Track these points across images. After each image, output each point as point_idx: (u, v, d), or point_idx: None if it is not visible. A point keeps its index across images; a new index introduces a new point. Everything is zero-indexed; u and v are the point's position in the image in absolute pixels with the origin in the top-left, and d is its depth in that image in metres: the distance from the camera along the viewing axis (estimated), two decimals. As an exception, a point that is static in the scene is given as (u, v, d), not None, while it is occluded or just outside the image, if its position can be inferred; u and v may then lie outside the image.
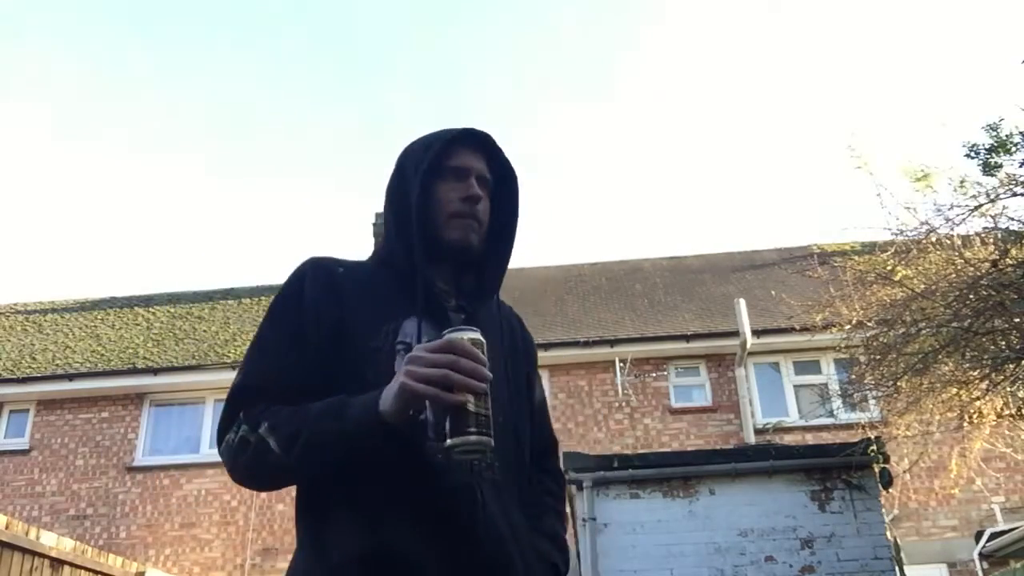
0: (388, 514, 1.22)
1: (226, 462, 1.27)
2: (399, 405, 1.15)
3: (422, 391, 1.12)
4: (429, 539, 1.21)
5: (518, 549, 1.29)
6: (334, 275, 1.38)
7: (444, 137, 1.43)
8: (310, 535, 1.28)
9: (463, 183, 1.42)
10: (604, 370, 12.05)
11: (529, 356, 1.58)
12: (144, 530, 11.60)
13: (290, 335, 1.32)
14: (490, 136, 1.48)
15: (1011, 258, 5.70)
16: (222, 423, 1.29)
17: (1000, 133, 5.85)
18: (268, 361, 1.32)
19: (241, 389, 1.29)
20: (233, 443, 1.25)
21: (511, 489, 1.34)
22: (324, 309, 1.33)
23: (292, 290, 1.38)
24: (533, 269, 16.49)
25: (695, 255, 16.29)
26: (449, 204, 1.41)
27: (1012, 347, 5.76)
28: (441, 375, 1.12)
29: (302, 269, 1.40)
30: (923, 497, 10.39)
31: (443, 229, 1.40)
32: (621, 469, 7.21)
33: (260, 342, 1.35)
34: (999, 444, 7.49)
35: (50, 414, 12.41)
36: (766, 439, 10.73)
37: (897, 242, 6.65)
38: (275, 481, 1.29)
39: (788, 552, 6.75)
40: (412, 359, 1.15)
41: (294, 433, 1.19)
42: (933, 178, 6.36)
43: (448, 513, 1.24)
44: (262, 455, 1.21)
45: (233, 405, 1.28)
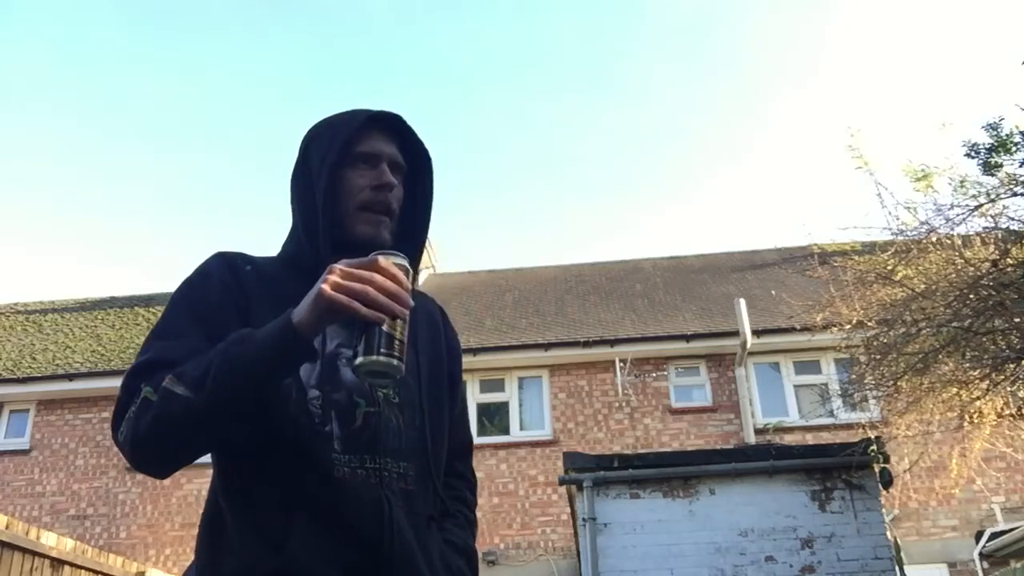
0: (290, 529, 1.14)
1: (126, 440, 1.13)
2: (314, 314, 1.07)
3: (340, 301, 1.05)
4: (333, 557, 1.15)
5: (428, 566, 1.22)
6: (240, 273, 1.28)
7: (353, 122, 1.33)
8: (207, 548, 1.21)
9: (374, 170, 1.32)
10: (604, 370, 12.05)
11: (452, 352, 1.47)
12: (144, 530, 11.61)
13: (196, 318, 1.22)
14: (402, 118, 1.38)
15: (1011, 258, 5.70)
16: (120, 405, 1.16)
17: (1000, 133, 5.85)
18: (171, 341, 1.20)
19: (144, 363, 1.18)
20: (133, 412, 1.12)
21: (424, 496, 1.27)
22: (231, 302, 1.24)
23: (199, 279, 1.28)
24: (533, 269, 16.50)
25: (695, 255, 16.29)
26: (359, 194, 1.30)
27: (1012, 347, 5.76)
28: (361, 289, 1.06)
29: (210, 262, 1.31)
30: (923, 497, 10.39)
31: (352, 222, 1.30)
32: (621, 469, 7.21)
33: (164, 324, 1.24)
34: (999, 444, 7.48)
35: (50, 414, 12.42)
36: (766, 439, 10.74)
37: (897, 242, 6.65)
38: (183, 439, 1.13)
39: (788, 552, 6.75)
40: (333, 270, 1.08)
41: (203, 370, 1.09)
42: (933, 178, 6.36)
43: (356, 531, 1.16)
44: (168, 406, 1.09)
45: (133, 379, 1.16)
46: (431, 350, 1.39)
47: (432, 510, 1.29)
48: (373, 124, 1.35)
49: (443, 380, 1.40)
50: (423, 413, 1.30)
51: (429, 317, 1.44)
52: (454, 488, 1.41)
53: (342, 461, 1.19)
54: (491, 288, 15.17)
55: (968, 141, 6.02)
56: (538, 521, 11.22)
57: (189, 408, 1.09)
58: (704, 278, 14.85)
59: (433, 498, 1.30)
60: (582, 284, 15.19)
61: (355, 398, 1.23)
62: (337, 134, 1.32)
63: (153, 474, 1.21)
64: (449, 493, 1.37)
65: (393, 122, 1.37)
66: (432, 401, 1.33)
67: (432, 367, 1.37)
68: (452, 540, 1.32)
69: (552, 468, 10.92)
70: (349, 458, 1.19)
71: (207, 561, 1.20)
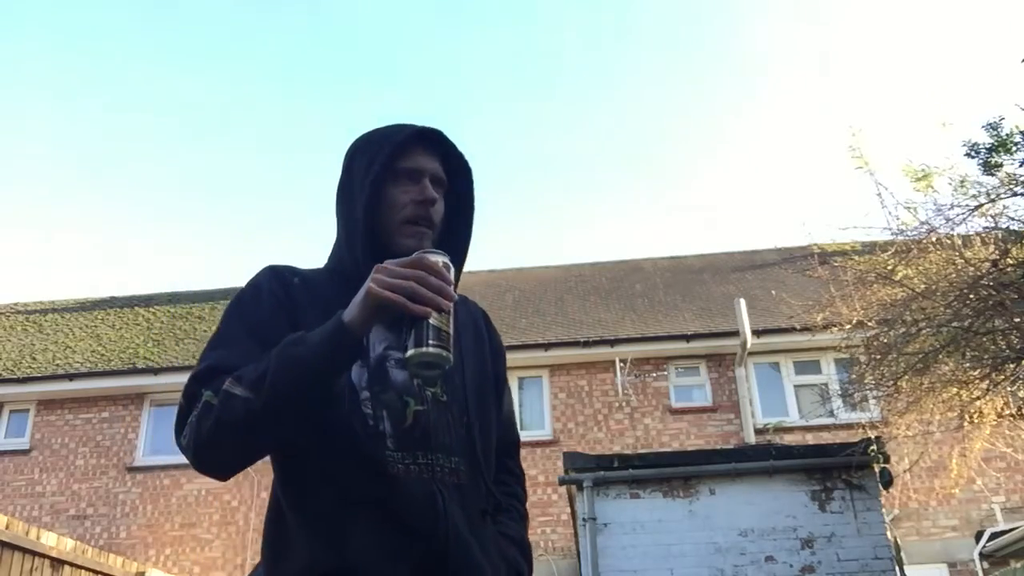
0: (348, 528, 1.19)
1: (189, 444, 1.17)
2: (364, 313, 1.13)
3: (388, 298, 1.10)
4: (391, 552, 1.19)
5: (485, 556, 1.26)
6: (289, 285, 1.34)
7: (395, 138, 1.37)
8: (270, 549, 1.25)
9: (416, 186, 1.36)
10: (604, 370, 12.05)
11: (496, 354, 1.52)
12: (144, 530, 11.61)
13: (250, 331, 1.27)
14: (443, 133, 1.42)
15: (1011, 258, 5.70)
16: (182, 411, 1.20)
17: (1000, 133, 5.84)
18: (228, 350, 1.24)
19: (204, 370, 1.21)
20: (195, 417, 1.16)
21: (476, 492, 1.31)
22: (281, 314, 1.29)
23: (251, 293, 1.33)
24: (533, 269, 16.50)
25: (695, 255, 16.29)
26: (402, 209, 1.35)
27: (1012, 347, 5.76)
28: (408, 285, 1.11)
29: (260, 275, 1.36)
30: (923, 497, 10.39)
31: (395, 236, 1.35)
32: (621, 469, 7.21)
33: (220, 335, 1.29)
34: (999, 444, 7.48)
35: (50, 414, 12.42)
36: (766, 439, 10.73)
37: (897, 242, 6.65)
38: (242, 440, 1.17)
39: (788, 552, 6.75)
40: (380, 269, 1.14)
41: (261, 372, 1.14)
42: (933, 178, 6.36)
43: (412, 525, 1.21)
44: (228, 408, 1.13)
45: (193, 386, 1.20)
46: (476, 351, 1.44)
47: (484, 504, 1.33)
48: (416, 140, 1.39)
49: (489, 380, 1.45)
50: (470, 411, 1.34)
51: (473, 320, 1.49)
52: (506, 484, 1.45)
53: (395, 458, 1.23)
54: (491, 288, 15.17)
55: (968, 141, 6.01)
56: (538, 521, 11.22)
57: (249, 409, 1.13)
58: (704, 278, 14.85)
59: (485, 493, 1.34)
60: (582, 284, 15.19)
61: (405, 397, 1.28)
62: (380, 149, 1.37)
63: (216, 475, 1.25)
64: (501, 489, 1.42)
65: (435, 137, 1.42)
66: (479, 400, 1.38)
67: (478, 367, 1.42)
68: (507, 532, 1.37)
69: (552, 468, 10.92)
70: (402, 455, 1.24)
71: (271, 561, 1.25)
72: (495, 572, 1.28)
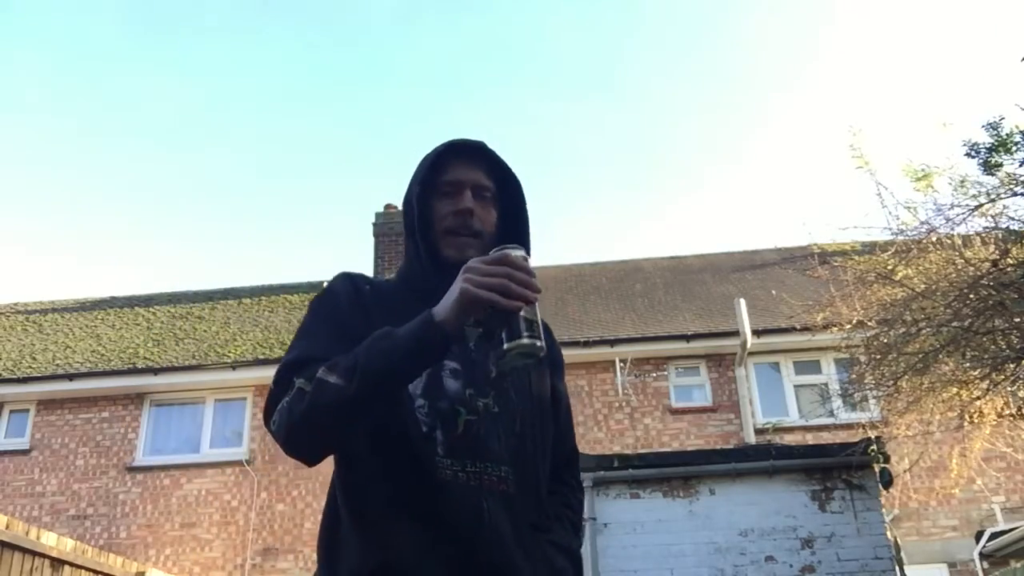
0: (393, 530, 1.25)
1: (280, 427, 1.24)
2: (457, 311, 1.19)
3: (483, 296, 1.16)
4: (437, 557, 1.24)
5: (528, 563, 1.30)
6: (362, 292, 1.41)
7: (435, 153, 1.45)
8: (327, 551, 1.33)
9: (455, 198, 1.43)
10: (604, 370, 12.04)
11: (555, 364, 1.57)
12: (144, 530, 11.60)
13: (333, 328, 1.35)
14: (482, 144, 1.48)
15: (1011, 258, 5.70)
16: (273, 396, 1.27)
17: (1000, 132, 5.84)
18: (315, 343, 1.32)
19: (293, 360, 1.29)
20: (287, 403, 1.23)
21: (527, 501, 1.35)
22: (357, 320, 1.35)
23: (329, 298, 1.42)
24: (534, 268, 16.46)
25: (695, 255, 16.28)
26: (442, 221, 1.43)
27: (1012, 347, 5.76)
28: (499, 283, 1.17)
29: (336, 282, 1.44)
30: (923, 497, 10.39)
31: (440, 247, 1.43)
32: (621, 469, 7.21)
33: (307, 330, 1.37)
34: (999, 444, 7.48)
35: (50, 414, 12.41)
36: (766, 439, 10.73)
37: (897, 242, 6.65)
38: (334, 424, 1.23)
39: (788, 552, 6.75)
40: (470, 269, 1.19)
41: (353, 361, 1.20)
42: (933, 178, 6.36)
43: (456, 531, 1.26)
44: (321, 393, 1.19)
45: (286, 373, 1.27)
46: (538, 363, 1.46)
47: (534, 516, 1.37)
48: (452, 154, 1.45)
49: (546, 391, 1.49)
50: (523, 422, 1.39)
51: None
52: (560, 494, 1.49)
53: (445, 464, 1.29)
54: (491, 288, 15.15)
55: (968, 141, 6.01)
56: (538, 521, 11.21)
57: (341, 395, 1.19)
58: (704, 278, 14.84)
59: (535, 504, 1.38)
60: (582, 284, 15.18)
61: (457, 407, 1.33)
62: (422, 167, 1.45)
63: (305, 460, 1.29)
64: (556, 499, 1.46)
65: (475, 149, 1.47)
66: (535, 411, 1.42)
67: (537, 378, 1.46)
68: (556, 541, 1.40)
69: (552, 468, 10.91)
70: (451, 462, 1.29)
71: (326, 559, 1.33)
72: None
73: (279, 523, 11.37)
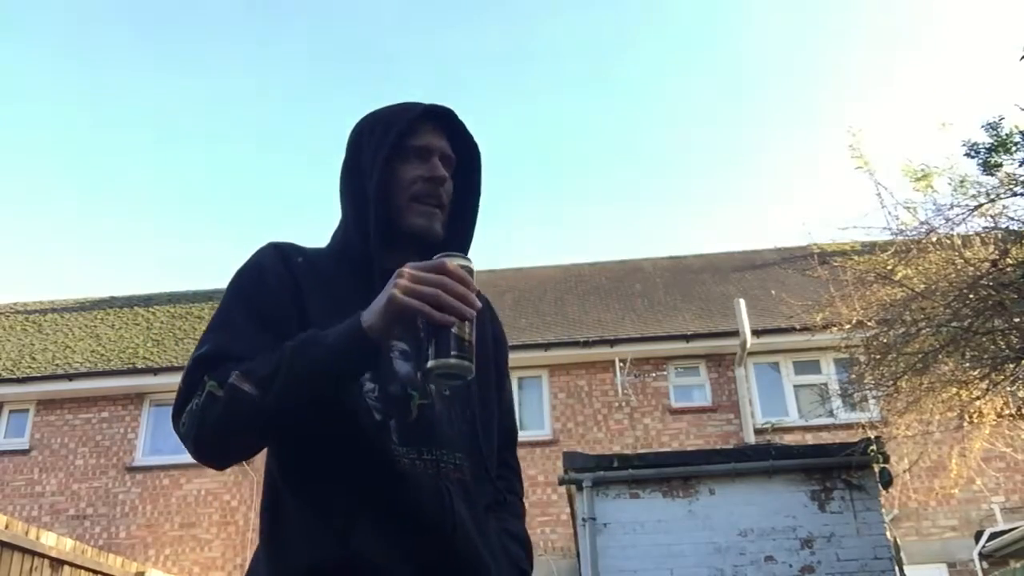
0: (355, 521, 1.17)
1: (189, 432, 1.16)
2: (386, 319, 1.10)
3: (412, 305, 1.07)
4: (398, 548, 1.17)
5: (490, 554, 1.25)
6: (293, 263, 1.30)
7: (409, 115, 1.34)
8: (274, 538, 1.22)
9: (426, 163, 1.34)
10: (604, 370, 12.05)
11: (499, 345, 1.49)
12: (144, 530, 11.60)
13: (252, 313, 1.24)
14: (453, 112, 1.40)
15: (1011, 258, 5.70)
16: (181, 395, 1.18)
17: (1000, 133, 5.85)
18: (233, 333, 1.22)
19: (206, 354, 1.19)
20: (198, 406, 1.14)
21: (481, 487, 1.29)
22: (285, 295, 1.26)
23: (253, 273, 1.30)
24: (533, 269, 16.50)
25: (695, 255, 16.29)
26: (411, 186, 1.32)
27: (1012, 347, 5.76)
28: (432, 293, 1.08)
29: (262, 252, 1.32)
30: (923, 497, 10.39)
31: (404, 214, 1.32)
32: (621, 469, 7.21)
33: (222, 318, 1.26)
34: (999, 444, 7.48)
35: (50, 414, 12.41)
36: (766, 439, 10.73)
37: (897, 242, 6.65)
38: (248, 435, 1.16)
39: (788, 552, 6.75)
40: (403, 274, 1.10)
41: (272, 370, 1.11)
42: (933, 178, 6.37)
43: (419, 521, 1.19)
44: (235, 404, 1.11)
45: (196, 370, 1.18)
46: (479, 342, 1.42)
47: (488, 500, 1.32)
48: (425, 118, 1.36)
49: (491, 372, 1.40)
50: (473, 405, 1.32)
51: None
52: (505, 478, 1.43)
53: (401, 453, 1.21)
54: (490, 288, 15.11)
55: (968, 141, 6.02)
56: (537, 521, 11.21)
57: (256, 407, 1.11)
58: (704, 278, 14.85)
59: (488, 488, 1.32)
60: (582, 284, 15.19)
61: (409, 391, 1.24)
62: (389, 127, 1.34)
63: (215, 466, 1.24)
64: (502, 484, 1.40)
65: (445, 116, 1.39)
66: (481, 393, 1.35)
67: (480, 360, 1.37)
68: (509, 529, 1.35)
69: (552, 468, 10.92)
70: (407, 450, 1.21)
71: (273, 551, 1.22)
72: (499, 570, 1.27)
73: (279, 523, 11.37)
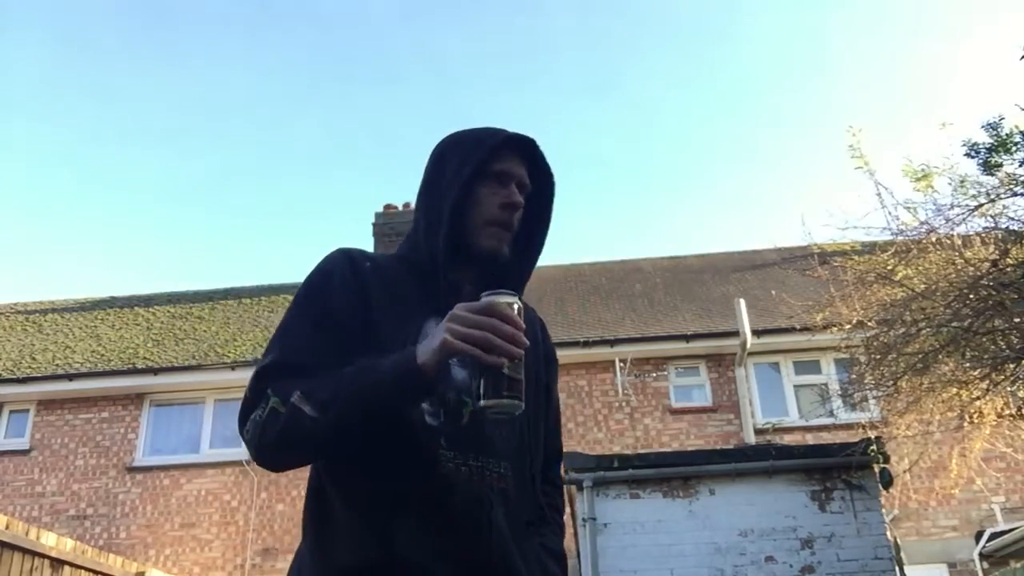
0: (398, 523, 1.20)
1: (252, 440, 1.22)
2: (437, 359, 1.15)
3: (464, 349, 1.12)
4: (438, 551, 1.20)
5: (526, 567, 1.28)
6: (362, 270, 1.34)
7: (493, 140, 1.40)
8: (319, 536, 1.26)
9: (505, 189, 1.39)
10: (604, 370, 12.05)
11: (550, 364, 1.54)
12: (144, 530, 11.60)
13: (317, 322, 1.29)
14: (535, 142, 1.45)
15: (1011, 258, 5.70)
16: (247, 403, 1.24)
17: (1000, 132, 5.84)
18: (297, 343, 1.27)
19: (270, 366, 1.25)
20: (262, 418, 1.20)
21: (522, 501, 1.32)
22: (352, 302, 1.30)
23: (321, 279, 1.34)
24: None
25: (695, 255, 16.29)
26: (488, 210, 1.38)
27: (1012, 347, 5.76)
28: (482, 336, 1.11)
29: (331, 259, 1.37)
30: (923, 497, 10.39)
31: (477, 235, 1.38)
32: (621, 469, 7.21)
33: (287, 326, 1.31)
34: (999, 444, 7.49)
35: (50, 414, 12.41)
36: (766, 439, 10.72)
37: (897, 242, 6.65)
38: (304, 451, 1.23)
39: (788, 552, 6.75)
40: (454, 317, 1.14)
41: (331, 395, 1.17)
42: (933, 178, 6.37)
43: (458, 526, 1.22)
44: (295, 422, 1.17)
45: (260, 381, 1.24)
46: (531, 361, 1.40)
47: (530, 514, 1.34)
48: (509, 144, 1.41)
49: (541, 388, 1.45)
50: (523, 418, 1.33)
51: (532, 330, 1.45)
52: (548, 495, 1.46)
53: (447, 457, 1.24)
54: (491, 288, 15.15)
55: (968, 141, 6.02)
56: (538, 521, 11.22)
57: (315, 428, 1.16)
58: (704, 278, 14.85)
59: (531, 502, 1.35)
60: (582, 284, 15.19)
61: (463, 397, 1.27)
62: (475, 150, 1.39)
63: (272, 470, 1.30)
64: (544, 500, 1.43)
65: (527, 145, 1.44)
66: (531, 408, 1.36)
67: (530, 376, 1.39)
68: (548, 545, 1.37)
69: (552, 468, 10.92)
70: (454, 455, 1.24)
71: (318, 550, 1.25)
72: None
73: (279, 523, 11.38)
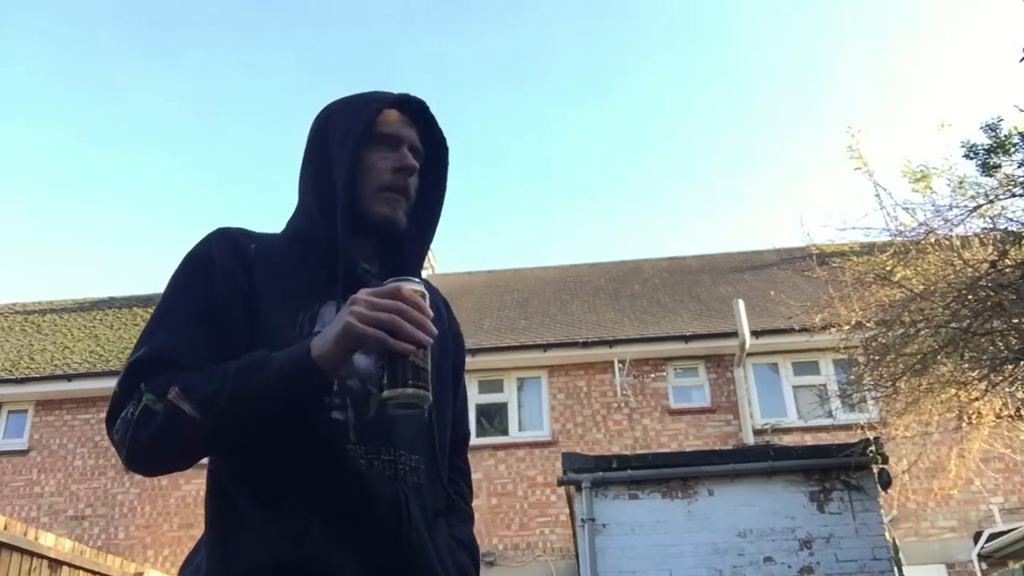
0: (309, 521, 1.12)
1: (123, 440, 1.10)
2: (339, 348, 1.06)
3: (370, 334, 1.04)
4: (352, 551, 1.13)
5: (440, 561, 1.22)
6: (245, 252, 1.24)
7: (378, 102, 1.31)
8: (219, 539, 1.16)
9: (396, 152, 1.30)
10: (603, 370, 12.04)
11: (458, 346, 1.45)
12: (143, 531, 11.59)
13: (197, 309, 1.18)
14: (425, 103, 1.36)
15: (1010, 259, 5.71)
16: (116, 400, 1.13)
17: (999, 134, 5.86)
18: (173, 334, 1.16)
19: (143, 359, 1.13)
20: (133, 417, 1.09)
21: (433, 492, 1.26)
22: (234, 286, 1.20)
23: (198, 262, 1.23)
24: (533, 269, 16.51)
25: (694, 255, 16.30)
26: (380, 175, 1.28)
27: (1011, 348, 5.76)
28: (389, 319, 1.04)
29: (210, 239, 1.25)
30: (922, 498, 10.39)
31: (370, 202, 1.28)
32: (620, 470, 7.21)
33: (162, 315, 1.19)
34: (998, 445, 7.49)
35: (49, 414, 12.41)
36: (765, 440, 10.73)
37: (896, 243, 6.66)
38: (184, 455, 1.12)
39: (787, 553, 6.75)
40: (358, 301, 1.06)
41: (213, 393, 1.07)
42: (932, 179, 6.38)
43: (373, 523, 1.15)
44: (172, 422, 1.06)
45: (133, 376, 1.12)
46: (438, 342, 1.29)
47: (440, 505, 1.28)
48: (397, 106, 1.33)
49: (447, 372, 1.36)
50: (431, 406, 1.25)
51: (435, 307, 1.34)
52: (454, 482, 1.39)
53: (358, 452, 1.16)
54: (490, 289, 15.17)
55: (967, 142, 6.03)
56: (537, 522, 11.21)
57: (195, 428, 1.07)
58: (703, 279, 14.85)
59: (441, 492, 1.29)
60: (581, 285, 15.19)
61: (369, 387, 1.20)
62: (359, 114, 1.30)
63: (146, 475, 1.20)
64: (452, 488, 1.36)
65: (418, 107, 1.35)
66: (438, 394, 1.27)
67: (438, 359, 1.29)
68: (458, 536, 1.32)
69: (551, 469, 10.92)
70: (365, 449, 1.17)
71: (221, 551, 1.16)
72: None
73: (278, 524, 11.37)
